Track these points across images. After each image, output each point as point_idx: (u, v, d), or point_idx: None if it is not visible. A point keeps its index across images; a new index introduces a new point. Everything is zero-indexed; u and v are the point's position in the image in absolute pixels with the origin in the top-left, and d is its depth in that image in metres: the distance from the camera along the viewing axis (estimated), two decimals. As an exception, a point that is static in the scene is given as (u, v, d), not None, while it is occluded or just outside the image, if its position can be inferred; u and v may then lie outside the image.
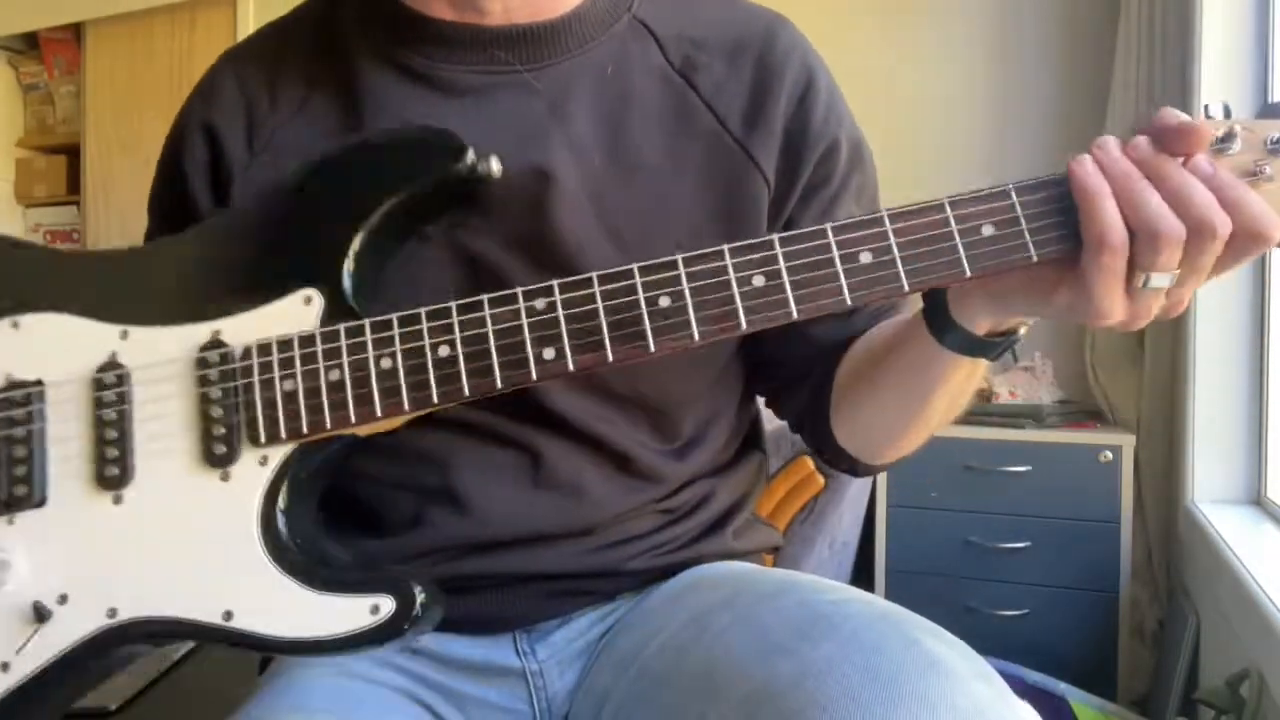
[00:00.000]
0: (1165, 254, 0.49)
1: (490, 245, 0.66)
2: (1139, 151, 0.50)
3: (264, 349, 0.57)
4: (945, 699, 0.47)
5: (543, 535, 0.68)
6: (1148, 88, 2.02)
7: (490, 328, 0.55)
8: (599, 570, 0.70)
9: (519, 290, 0.55)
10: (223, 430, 0.56)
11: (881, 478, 2.04)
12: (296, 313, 0.57)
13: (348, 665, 0.67)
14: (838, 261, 0.52)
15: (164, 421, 0.57)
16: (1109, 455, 1.91)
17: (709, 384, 0.73)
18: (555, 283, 0.55)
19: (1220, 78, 1.83)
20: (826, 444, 0.74)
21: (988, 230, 0.52)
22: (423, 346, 0.55)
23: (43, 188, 3.29)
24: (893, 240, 0.52)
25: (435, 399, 0.55)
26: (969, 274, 0.52)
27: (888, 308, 0.75)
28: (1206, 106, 0.53)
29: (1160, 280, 0.50)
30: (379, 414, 0.55)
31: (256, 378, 0.56)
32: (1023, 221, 0.52)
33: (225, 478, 0.56)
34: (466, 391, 0.55)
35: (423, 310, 0.55)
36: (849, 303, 0.52)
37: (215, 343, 0.57)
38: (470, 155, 0.59)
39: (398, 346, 0.55)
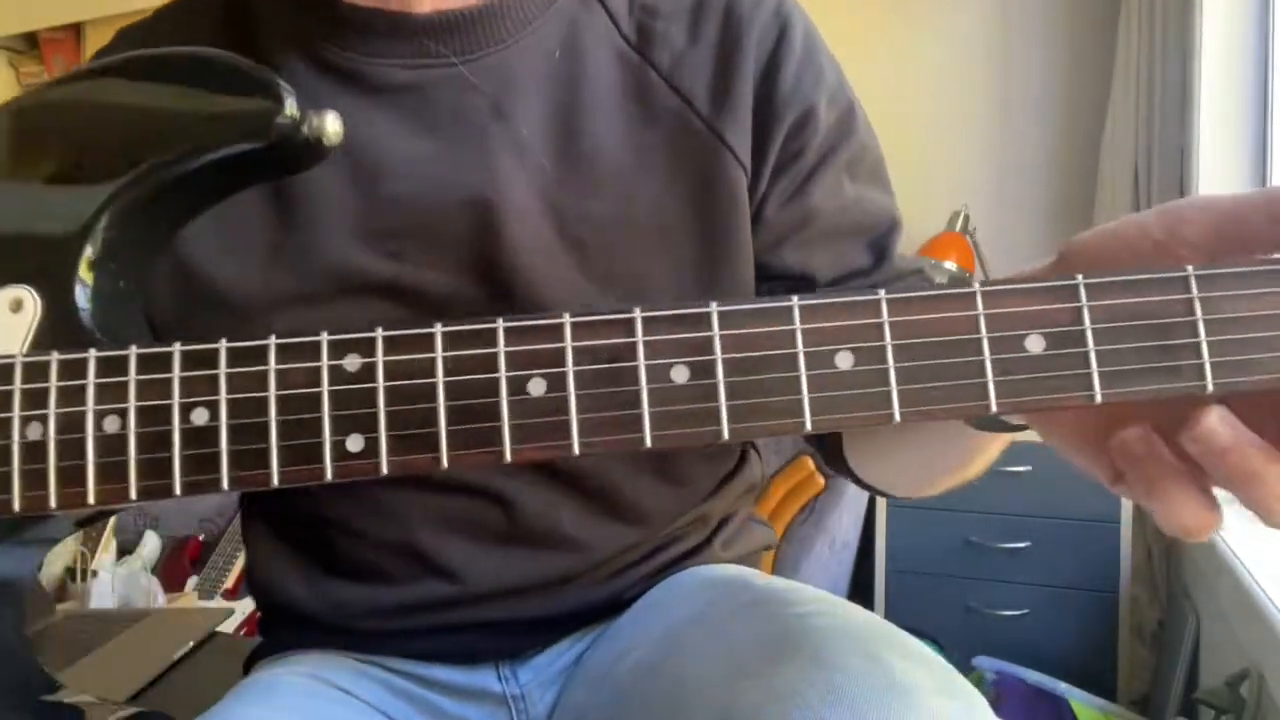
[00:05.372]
0: None
1: (437, 276, 0.58)
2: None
3: None
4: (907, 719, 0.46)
5: (519, 590, 0.64)
6: (1148, 88, 2.01)
7: (273, 391, 0.37)
8: (582, 608, 0.67)
9: (324, 337, 0.37)
10: None
11: (881, 478, 2.04)
12: None
13: (327, 674, 0.65)
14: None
15: None
16: (1109, 455, 1.90)
17: None
18: (380, 334, 0.37)
19: (1220, 78, 1.83)
20: (845, 473, 0.68)
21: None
22: (170, 406, 0.38)
23: (42, 188, 3.30)
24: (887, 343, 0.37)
25: (177, 489, 0.38)
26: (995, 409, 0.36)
27: None
28: None
29: None
30: (91, 502, 0.38)
31: None
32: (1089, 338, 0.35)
33: None
34: (225, 485, 0.37)
35: (177, 348, 0.38)
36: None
37: None
38: (291, 106, 0.43)
39: (131, 401, 0.38)
